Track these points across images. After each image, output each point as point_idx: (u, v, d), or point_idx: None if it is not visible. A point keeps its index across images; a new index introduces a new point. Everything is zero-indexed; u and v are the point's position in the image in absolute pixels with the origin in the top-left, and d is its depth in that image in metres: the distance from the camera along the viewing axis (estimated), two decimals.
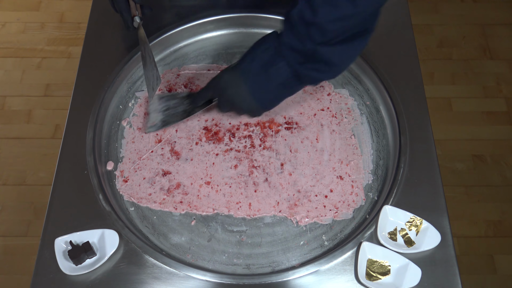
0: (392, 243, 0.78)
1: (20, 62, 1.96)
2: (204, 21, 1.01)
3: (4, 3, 2.11)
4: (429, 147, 0.87)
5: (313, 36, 0.68)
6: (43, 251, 0.77)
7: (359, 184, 0.86)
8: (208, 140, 0.90)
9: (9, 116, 1.83)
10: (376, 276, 0.75)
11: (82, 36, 1.02)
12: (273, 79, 0.75)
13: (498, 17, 2.07)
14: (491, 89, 1.89)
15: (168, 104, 0.89)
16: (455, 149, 1.76)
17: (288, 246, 0.81)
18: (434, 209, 0.81)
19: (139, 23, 0.89)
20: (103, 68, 0.95)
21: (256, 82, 0.76)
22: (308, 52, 0.70)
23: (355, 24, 0.67)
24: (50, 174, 1.70)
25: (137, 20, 0.89)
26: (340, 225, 0.82)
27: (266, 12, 1.01)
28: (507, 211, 1.64)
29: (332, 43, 0.68)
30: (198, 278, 0.75)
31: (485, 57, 1.97)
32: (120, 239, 0.77)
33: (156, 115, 0.89)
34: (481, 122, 1.82)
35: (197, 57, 1.00)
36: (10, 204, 1.66)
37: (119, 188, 0.86)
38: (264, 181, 0.86)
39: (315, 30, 0.67)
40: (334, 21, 0.65)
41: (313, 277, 0.76)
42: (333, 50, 0.69)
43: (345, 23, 0.66)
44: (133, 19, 0.89)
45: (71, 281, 0.75)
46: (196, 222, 0.83)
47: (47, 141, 1.78)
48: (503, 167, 1.72)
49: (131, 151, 0.89)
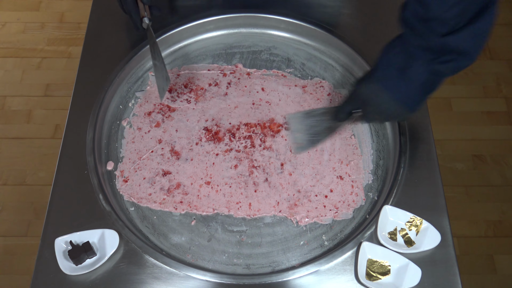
0: (392, 243, 0.78)
1: (20, 62, 1.96)
2: (204, 21, 1.01)
3: (4, 3, 2.11)
4: (429, 147, 0.87)
5: (435, 30, 0.66)
6: (43, 251, 0.77)
7: (359, 184, 0.86)
8: (208, 140, 0.90)
9: (9, 116, 1.83)
10: (376, 276, 0.75)
11: (82, 36, 1.02)
12: (413, 82, 0.73)
13: (498, 17, 2.07)
14: (491, 89, 1.89)
15: (309, 122, 0.87)
16: (455, 149, 1.76)
17: (288, 246, 0.81)
18: (434, 209, 0.81)
19: (148, 24, 0.88)
20: (103, 68, 0.95)
21: (398, 87, 0.74)
22: (436, 46, 0.68)
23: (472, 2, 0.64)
24: (50, 174, 1.70)
25: (146, 21, 0.88)
26: (340, 225, 0.82)
27: (266, 12, 1.01)
28: (507, 211, 1.64)
29: (457, 29, 0.66)
30: (198, 278, 0.75)
31: (485, 57, 1.97)
32: (120, 239, 0.77)
33: (301, 135, 0.87)
34: (481, 122, 1.82)
35: (197, 57, 1.00)
36: (10, 204, 1.66)
37: (119, 188, 0.86)
38: (264, 181, 0.86)
39: (435, 24, 0.65)
40: (449, 9, 0.63)
41: (313, 277, 0.76)
42: (460, 36, 0.66)
43: (462, 5, 0.63)
44: (142, 20, 0.89)
45: (71, 281, 0.75)
46: (196, 222, 0.83)
47: (47, 141, 1.78)
48: (503, 167, 1.72)
49: (131, 151, 0.89)
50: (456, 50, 0.68)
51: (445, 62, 0.70)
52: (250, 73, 0.98)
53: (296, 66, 0.99)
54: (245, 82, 0.97)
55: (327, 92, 0.95)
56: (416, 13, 0.67)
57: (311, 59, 1.00)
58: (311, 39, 1.01)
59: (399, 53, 0.73)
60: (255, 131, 0.91)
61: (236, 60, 1.00)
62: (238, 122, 0.92)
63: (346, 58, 0.99)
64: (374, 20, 1.02)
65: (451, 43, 0.67)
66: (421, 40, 0.69)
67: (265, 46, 1.02)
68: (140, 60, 0.98)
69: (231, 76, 0.98)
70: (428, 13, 0.65)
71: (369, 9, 1.04)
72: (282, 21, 1.01)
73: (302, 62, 1.00)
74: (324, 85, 0.96)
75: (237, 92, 0.96)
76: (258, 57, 1.00)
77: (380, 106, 0.77)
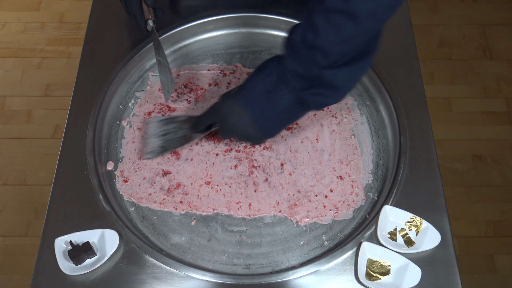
0: (392, 243, 0.78)
1: (20, 62, 1.96)
2: (204, 21, 1.01)
3: (4, 3, 2.11)
4: (429, 147, 0.87)
5: (317, 59, 0.66)
6: (43, 251, 0.77)
7: (359, 184, 0.86)
8: (208, 140, 0.90)
9: (9, 116, 1.83)
10: (376, 276, 0.75)
11: (82, 36, 1.02)
12: (276, 106, 0.73)
13: (498, 17, 2.07)
14: (491, 89, 1.89)
15: (167, 129, 0.86)
16: (455, 149, 1.76)
17: (288, 246, 0.81)
18: (434, 209, 0.81)
19: (152, 26, 0.89)
20: (103, 68, 0.95)
21: (258, 109, 0.74)
22: (312, 76, 0.68)
23: (358, 44, 0.65)
24: (50, 174, 1.70)
25: (151, 24, 0.88)
26: (340, 225, 0.82)
27: (266, 12, 1.01)
28: (507, 211, 1.64)
29: (336, 66, 0.67)
30: (198, 278, 0.75)
31: (485, 57, 1.97)
32: (120, 239, 0.77)
33: (154, 140, 0.86)
34: (481, 122, 1.82)
35: (197, 57, 1.00)
36: (10, 204, 1.66)
37: (119, 188, 0.86)
38: (264, 181, 0.86)
39: (319, 54, 0.65)
40: (338, 43, 0.64)
41: (313, 277, 0.76)
42: (338, 73, 0.67)
43: (348, 45, 0.64)
44: (147, 22, 0.89)
45: (71, 281, 0.75)
46: (196, 222, 0.83)
47: (47, 141, 1.78)
48: (503, 167, 1.72)
49: (131, 151, 0.89)
50: (331, 84, 0.68)
51: (314, 95, 0.70)
52: (250, 73, 0.98)
53: None
54: None
55: None
56: (304, 38, 0.66)
57: None
58: None
59: (271, 75, 0.72)
60: None
61: (236, 60, 1.00)
62: None
63: None
64: None
65: (329, 76, 0.67)
66: (300, 66, 0.68)
67: (265, 46, 1.02)
68: (140, 60, 0.98)
69: (231, 76, 0.98)
70: (315, 41, 0.65)
71: None
72: (282, 21, 1.01)
73: None
74: None
75: None
76: (258, 57, 1.00)
77: (237, 125, 0.76)
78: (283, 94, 0.72)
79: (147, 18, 0.89)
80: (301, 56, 0.67)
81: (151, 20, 0.89)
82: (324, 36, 0.64)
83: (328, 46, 0.64)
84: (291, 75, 0.70)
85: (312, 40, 0.65)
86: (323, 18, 0.63)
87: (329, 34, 0.63)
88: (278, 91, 0.72)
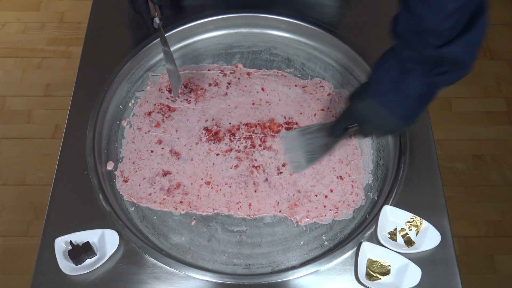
0: (392, 243, 0.78)
1: (20, 62, 1.96)
2: (204, 21, 1.01)
3: (4, 3, 2.11)
4: (429, 147, 0.87)
5: (430, 42, 0.65)
6: (43, 251, 0.77)
7: (359, 184, 0.86)
8: (208, 140, 0.90)
9: (9, 116, 1.83)
10: (376, 276, 0.75)
11: (82, 36, 1.01)
12: (408, 95, 0.72)
13: (498, 17, 2.07)
14: (491, 89, 1.89)
15: (304, 140, 0.86)
16: (455, 149, 1.76)
17: (288, 246, 0.81)
18: (434, 209, 0.81)
19: (159, 24, 0.88)
20: (103, 68, 0.95)
21: (394, 102, 0.73)
22: (432, 58, 0.67)
23: (464, 14, 0.64)
24: (50, 174, 1.70)
25: (157, 21, 0.88)
26: (340, 225, 0.82)
27: (266, 12, 1.01)
28: (507, 211, 1.64)
29: (451, 40, 0.65)
30: (198, 278, 0.75)
31: (485, 57, 1.97)
32: (120, 239, 0.77)
33: (297, 153, 0.86)
34: (481, 122, 1.82)
35: (197, 57, 1.00)
36: (10, 204, 1.66)
37: (119, 188, 0.86)
38: (264, 181, 0.86)
39: (429, 36, 0.65)
40: (443, 20, 0.63)
41: (313, 277, 0.76)
42: (455, 47, 0.65)
43: (455, 18, 0.63)
44: (153, 20, 0.89)
45: (71, 281, 0.75)
46: (196, 222, 0.83)
47: (47, 141, 1.78)
48: (503, 167, 1.72)
49: (131, 151, 0.89)
50: (451, 61, 0.67)
51: (441, 74, 0.69)
52: (250, 73, 0.98)
53: (296, 66, 0.99)
54: (245, 82, 0.97)
55: (327, 92, 0.95)
56: (409, 26, 0.66)
57: (311, 59, 1.00)
58: (311, 39, 1.01)
59: (393, 67, 0.72)
60: (255, 131, 0.91)
61: (236, 60, 1.00)
62: (238, 122, 0.92)
63: (346, 58, 0.99)
64: (374, 20, 1.01)
65: (446, 54, 0.66)
66: (415, 53, 0.68)
67: (265, 46, 1.02)
68: (140, 60, 0.98)
69: (231, 76, 0.98)
70: (421, 26, 0.64)
71: (369, 9, 1.04)
72: (282, 21, 1.01)
73: (302, 62, 1.00)
74: (324, 85, 0.96)
75: (237, 92, 0.96)
76: (258, 57, 1.00)
77: (377, 121, 0.76)
78: (411, 82, 0.71)
79: (153, 15, 0.88)
80: (413, 44, 0.67)
81: (157, 17, 0.88)
82: (428, 18, 0.63)
83: (435, 26, 0.63)
84: (410, 63, 0.69)
85: (418, 26, 0.64)
86: (419, 3, 0.63)
87: (432, 15, 0.63)
88: (405, 80, 0.71)
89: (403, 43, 0.69)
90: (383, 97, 0.74)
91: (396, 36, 0.70)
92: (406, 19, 0.66)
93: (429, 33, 0.65)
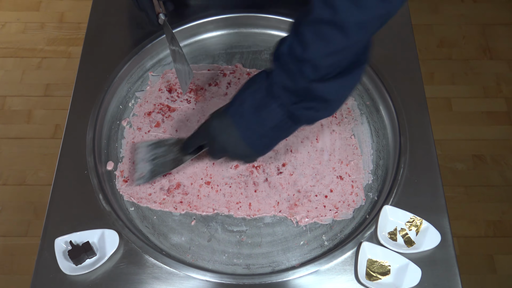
0: (392, 243, 0.78)
1: (20, 62, 1.96)
2: (204, 21, 1.01)
3: (4, 3, 2.11)
4: (429, 147, 0.87)
5: (306, 73, 0.63)
6: (43, 251, 0.77)
7: (359, 184, 0.86)
8: None
9: (9, 116, 1.83)
10: (376, 276, 0.75)
11: (82, 36, 1.01)
12: (266, 123, 0.70)
13: (498, 17, 2.07)
14: (491, 89, 1.89)
15: (156, 153, 0.84)
16: (455, 149, 1.76)
17: (288, 246, 0.81)
18: (434, 209, 0.81)
19: (164, 20, 0.88)
20: (103, 68, 0.95)
21: (248, 127, 0.71)
22: (301, 90, 0.65)
23: (348, 57, 0.63)
24: (50, 174, 1.70)
25: (162, 17, 0.88)
26: (340, 225, 0.82)
27: (266, 12, 1.01)
28: (507, 211, 1.64)
29: (326, 78, 0.64)
30: (198, 278, 0.75)
31: (485, 57, 1.97)
32: (120, 239, 0.77)
33: (144, 165, 0.83)
34: (481, 122, 1.82)
35: (197, 57, 1.00)
36: (10, 204, 1.66)
37: (119, 188, 0.86)
38: (264, 181, 0.86)
39: (308, 67, 0.63)
40: (327, 56, 0.62)
41: (313, 277, 0.76)
42: (328, 86, 0.65)
43: (338, 57, 0.62)
44: (158, 16, 0.88)
45: (71, 281, 0.75)
46: (196, 222, 0.83)
47: (47, 141, 1.78)
48: (503, 167, 1.72)
49: (131, 151, 0.89)
50: (321, 98, 0.66)
51: (305, 109, 0.67)
52: (250, 73, 0.98)
53: None
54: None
55: None
56: (292, 51, 0.63)
57: None
58: None
59: (260, 90, 0.69)
60: None
61: (236, 60, 1.00)
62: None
63: None
64: None
65: (319, 90, 0.65)
66: (288, 80, 0.65)
67: (265, 46, 1.02)
68: (140, 60, 0.98)
69: (231, 76, 0.98)
70: (304, 54, 0.62)
71: None
72: (282, 21, 1.01)
73: None
74: None
75: None
76: (258, 57, 1.00)
77: (227, 143, 0.73)
78: (273, 109, 0.69)
79: (158, 12, 0.88)
80: (289, 70, 0.65)
81: (162, 13, 0.88)
82: (313, 49, 0.61)
83: (317, 59, 0.62)
84: (279, 89, 0.67)
85: (301, 53, 0.62)
86: (311, 31, 0.61)
87: (318, 47, 0.61)
88: (267, 106, 0.69)
89: (280, 67, 0.66)
90: (240, 118, 0.71)
91: (276, 58, 0.67)
92: (293, 43, 0.64)
93: (309, 64, 0.63)
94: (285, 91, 0.67)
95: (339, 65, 0.64)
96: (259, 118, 0.70)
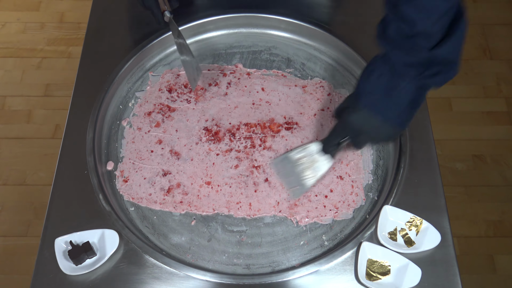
0: (392, 243, 0.78)
1: (20, 62, 1.96)
2: (204, 21, 1.01)
3: (4, 3, 2.11)
4: (429, 147, 0.87)
5: (422, 44, 0.66)
6: (43, 251, 0.77)
7: (359, 184, 0.86)
8: (208, 140, 0.90)
9: (9, 116, 1.83)
10: (376, 276, 0.75)
11: (82, 36, 1.01)
12: (401, 101, 0.73)
13: (498, 17, 2.07)
14: (491, 89, 1.89)
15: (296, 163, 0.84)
16: (455, 149, 1.75)
17: (288, 246, 0.81)
18: (434, 209, 0.81)
19: (169, 17, 0.88)
20: (103, 68, 0.95)
21: (388, 110, 0.74)
22: (424, 60, 0.68)
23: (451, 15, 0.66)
24: (50, 174, 1.70)
25: (168, 15, 0.87)
26: (340, 225, 0.82)
27: (266, 12, 1.01)
28: (507, 211, 1.64)
29: (440, 41, 0.67)
30: (198, 278, 0.75)
31: (485, 57, 1.97)
32: (120, 239, 0.77)
33: (293, 178, 0.83)
34: (481, 122, 1.82)
35: (197, 57, 1.00)
36: (10, 204, 1.66)
37: (119, 188, 0.86)
38: (264, 181, 0.86)
39: (421, 39, 0.66)
40: (435, 23, 0.64)
41: (313, 277, 0.76)
42: (446, 47, 0.67)
43: (444, 19, 0.65)
44: (163, 14, 0.88)
45: (71, 281, 0.75)
46: (196, 222, 0.83)
47: (47, 141, 1.78)
48: (503, 167, 1.72)
49: (131, 151, 0.89)
50: (443, 61, 0.69)
51: (432, 76, 0.70)
52: (250, 73, 0.98)
53: (296, 66, 0.99)
54: (245, 82, 0.97)
55: (327, 92, 0.96)
56: (400, 31, 0.67)
57: (311, 59, 1.00)
58: (311, 39, 1.01)
59: (383, 74, 0.72)
60: (255, 131, 0.91)
61: (236, 60, 1.00)
62: (238, 122, 0.92)
63: (346, 58, 0.99)
64: (374, 20, 1.01)
65: (439, 55, 0.68)
66: (407, 57, 0.69)
67: (265, 46, 1.02)
68: (140, 60, 0.98)
69: (231, 76, 0.98)
70: (413, 30, 0.65)
71: (369, 9, 1.04)
72: (282, 21, 1.01)
73: (302, 62, 1.00)
74: (324, 85, 0.96)
75: (237, 92, 0.96)
76: (258, 57, 1.00)
77: (373, 131, 0.77)
78: (403, 87, 0.71)
79: (163, 9, 0.88)
80: (405, 48, 0.68)
81: (167, 11, 0.88)
82: (420, 22, 0.64)
83: (428, 29, 0.65)
84: (402, 68, 0.70)
85: (409, 30, 0.65)
86: (410, 6, 0.64)
87: (423, 19, 0.64)
88: (397, 86, 0.71)
89: (394, 48, 0.69)
90: (376, 106, 0.74)
91: (386, 42, 0.70)
92: (397, 24, 0.67)
93: (421, 36, 0.66)
94: (407, 67, 0.70)
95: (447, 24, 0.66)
96: (394, 98, 0.73)
